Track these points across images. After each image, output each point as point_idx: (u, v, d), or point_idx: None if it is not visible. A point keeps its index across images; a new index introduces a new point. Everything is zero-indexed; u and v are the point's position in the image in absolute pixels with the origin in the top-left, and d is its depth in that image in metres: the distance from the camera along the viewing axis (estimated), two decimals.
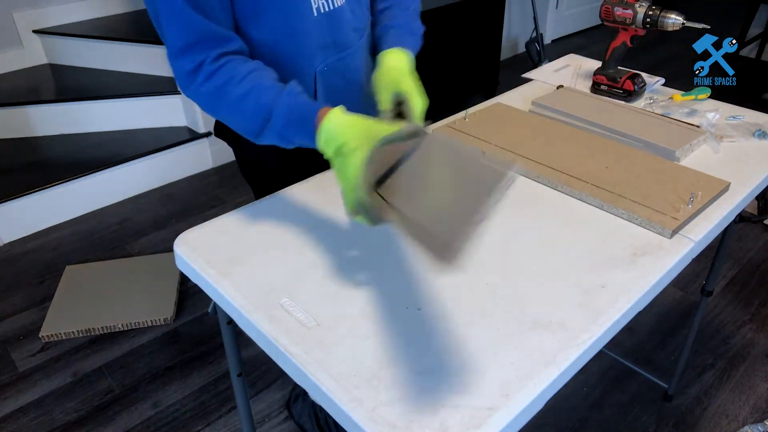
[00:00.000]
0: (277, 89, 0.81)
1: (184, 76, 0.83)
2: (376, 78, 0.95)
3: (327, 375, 0.65)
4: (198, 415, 1.59)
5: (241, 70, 0.82)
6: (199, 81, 0.82)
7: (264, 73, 0.84)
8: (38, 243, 2.28)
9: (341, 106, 0.78)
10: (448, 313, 0.73)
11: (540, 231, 0.87)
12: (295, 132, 0.80)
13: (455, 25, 2.87)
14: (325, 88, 0.98)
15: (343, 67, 0.99)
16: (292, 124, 0.80)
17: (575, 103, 1.21)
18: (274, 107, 0.80)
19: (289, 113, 0.80)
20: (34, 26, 2.78)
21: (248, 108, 0.81)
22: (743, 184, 0.98)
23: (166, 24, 0.81)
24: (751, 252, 2.17)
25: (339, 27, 0.95)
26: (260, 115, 0.81)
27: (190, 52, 0.81)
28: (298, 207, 0.95)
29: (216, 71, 0.82)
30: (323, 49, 0.94)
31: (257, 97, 0.81)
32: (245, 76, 0.82)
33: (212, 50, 0.82)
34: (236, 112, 0.83)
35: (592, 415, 1.57)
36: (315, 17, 0.90)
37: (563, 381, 0.67)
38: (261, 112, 0.81)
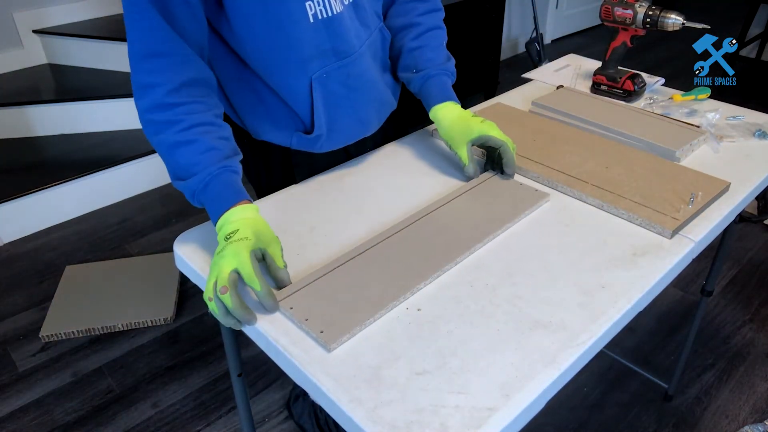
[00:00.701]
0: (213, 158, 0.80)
1: (136, 84, 0.80)
2: (445, 136, 1.00)
3: (326, 375, 0.65)
4: (198, 415, 1.59)
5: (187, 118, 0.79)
6: (145, 104, 0.79)
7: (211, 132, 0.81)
8: (38, 243, 2.28)
9: (256, 206, 0.81)
10: (448, 313, 0.73)
11: (540, 231, 0.87)
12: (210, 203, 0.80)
13: (455, 25, 2.86)
14: (323, 95, 0.95)
15: (344, 75, 0.96)
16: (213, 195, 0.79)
17: (575, 103, 1.21)
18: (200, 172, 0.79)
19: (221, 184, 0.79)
20: (34, 26, 2.77)
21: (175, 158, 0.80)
22: (743, 184, 0.98)
23: (129, 23, 0.77)
24: (751, 252, 2.17)
25: (338, 34, 0.91)
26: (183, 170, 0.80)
27: (150, 64, 0.78)
28: (297, 207, 0.95)
29: (168, 107, 0.79)
30: (321, 56, 0.91)
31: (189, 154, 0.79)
32: (189, 127, 0.79)
33: (173, 74, 0.79)
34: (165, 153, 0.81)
35: (592, 415, 1.57)
36: (311, 23, 0.87)
37: (563, 381, 0.67)
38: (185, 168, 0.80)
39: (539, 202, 0.92)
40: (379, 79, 1.04)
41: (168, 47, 0.78)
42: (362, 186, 1.00)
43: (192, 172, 0.79)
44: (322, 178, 1.02)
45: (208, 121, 0.82)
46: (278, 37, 0.87)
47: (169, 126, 0.79)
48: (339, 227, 0.89)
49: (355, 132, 1.03)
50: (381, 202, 0.95)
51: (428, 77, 1.04)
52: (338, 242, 0.86)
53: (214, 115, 0.83)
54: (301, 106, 0.95)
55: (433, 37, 1.06)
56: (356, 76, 0.98)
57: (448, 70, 1.06)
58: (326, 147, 1.01)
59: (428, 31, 1.06)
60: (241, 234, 0.74)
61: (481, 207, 0.91)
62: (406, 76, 1.06)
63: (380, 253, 0.81)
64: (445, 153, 1.09)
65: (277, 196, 0.98)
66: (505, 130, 0.97)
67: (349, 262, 0.80)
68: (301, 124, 0.98)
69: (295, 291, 0.75)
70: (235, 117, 1.02)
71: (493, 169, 1.00)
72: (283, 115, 0.97)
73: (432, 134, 1.15)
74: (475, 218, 0.88)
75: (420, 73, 1.04)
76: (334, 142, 1.01)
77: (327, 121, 0.97)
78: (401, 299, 0.74)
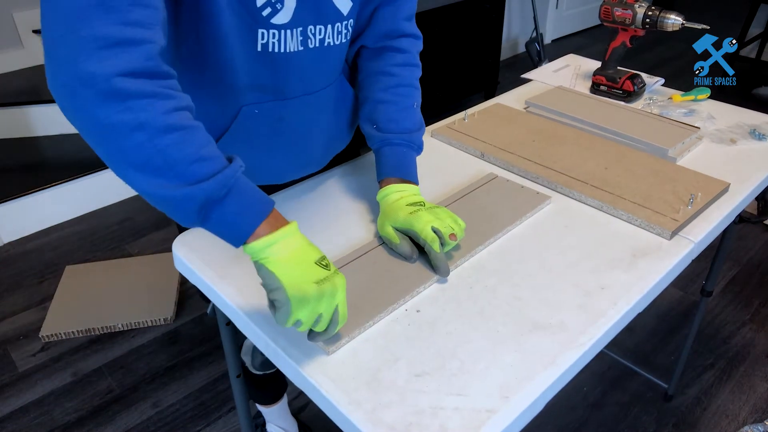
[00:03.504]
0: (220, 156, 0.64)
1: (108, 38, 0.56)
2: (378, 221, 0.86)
3: (326, 377, 0.65)
4: (198, 415, 1.59)
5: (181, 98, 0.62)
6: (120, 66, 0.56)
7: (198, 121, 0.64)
8: (38, 243, 2.28)
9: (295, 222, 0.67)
10: (448, 314, 0.73)
11: (539, 232, 0.87)
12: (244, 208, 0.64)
13: (455, 24, 2.86)
14: (246, 127, 0.83)
15: (276, 116, 0.84)
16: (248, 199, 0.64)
17: (569, 103, 1.21)
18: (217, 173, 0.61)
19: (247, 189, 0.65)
20: (34, 26, 2.77)
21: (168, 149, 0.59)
22: (743, 184, 0.98)
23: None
24: (751, 252, 2.17)
25: (280, 72, 0.80)
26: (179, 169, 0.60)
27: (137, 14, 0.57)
28: (297, 207, 0.95)
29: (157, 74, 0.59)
30: (257, 89, 0.80)
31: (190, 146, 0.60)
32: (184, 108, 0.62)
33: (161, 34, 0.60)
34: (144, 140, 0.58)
35: (592, 415, 1.57)
36: (258, 53, 0.76)
37: (563, 383, 0.67)
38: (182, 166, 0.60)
39: (541, 204, 0.92)
40: (319, 135, 0.92)
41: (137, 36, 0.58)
42: (362, 188, 1.00)
43: (198, 172, 0.60)
44: (322, 178, 1.02)
45: (192, 106, 0.64)
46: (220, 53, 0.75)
47: (155, 101, 0.58)
48: (339, 229, 0.89)
49: (264, 176, 0.91)
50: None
51: (387, 143, 0.89)
52: (337, 244, 0.86)
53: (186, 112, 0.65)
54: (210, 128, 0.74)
55: (405, 96, 0.92)
56: (289, 122, 0.86)
57: (413, 142, 0.90)
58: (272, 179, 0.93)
59: (400, 87, 0.91)
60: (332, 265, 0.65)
61: (482, 209, 0.91)
62: (367, 130, 0.92)
63: (380, 256, 0.81)
64: (445, 155, 1.09)
65: (276, 197, 0.98)
66: (504, 131, 0.96)
67: (349, 264, 0.80)
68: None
69: None
70: None
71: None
72: None
73: (432, 134, 1.15)
74: (476, 221, 0.88)
75: (381, 134, 0.89)
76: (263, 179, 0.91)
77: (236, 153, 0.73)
78: (401, 302, 0.74)
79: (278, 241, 0.64)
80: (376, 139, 0.90)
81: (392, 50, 0.93)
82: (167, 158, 0.59)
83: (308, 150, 0.93)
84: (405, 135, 0.90)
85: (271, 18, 0.75)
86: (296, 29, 0.77)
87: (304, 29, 0.78)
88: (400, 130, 0.90)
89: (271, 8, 0.74)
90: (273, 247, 0.63)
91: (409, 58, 0.94)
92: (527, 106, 1.24)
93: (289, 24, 0.76)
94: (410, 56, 0.94)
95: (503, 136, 1.11)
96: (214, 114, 0.82)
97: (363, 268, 0.79)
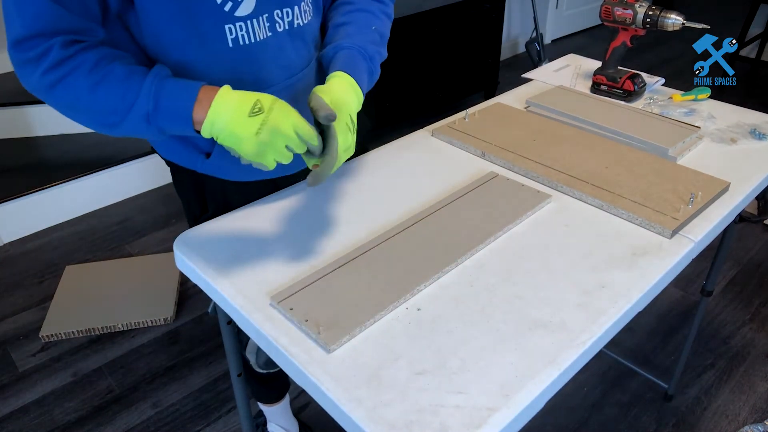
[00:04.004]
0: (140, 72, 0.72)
1: (22, 65, 0.70)
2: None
3: (326, 375, 0.65)
4: (198, 415, 1.59)
5: (90, 56, 0.71)
6: (40, 71, 0.69)
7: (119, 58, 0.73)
8: (38, 243, 2.28)
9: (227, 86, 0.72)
10: (448, 313, 0.73)
11: (540, 231, 0.87)
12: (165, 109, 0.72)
13: (455, 24, 2.87)
14: None
15: None
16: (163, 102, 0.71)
17: (569, 102, 1.21)
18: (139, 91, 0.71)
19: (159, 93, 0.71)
20: None
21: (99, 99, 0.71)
22: (743, 184, 0.98)
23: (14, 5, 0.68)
24: (751, 252, 2.17)
25: (259, 62, 0.81)
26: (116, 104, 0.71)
27: (36, 40, 0.68)
28: (297, 207, 0.95)
29: (63, 60, 0.69)
30: (236, 83, 0.79)
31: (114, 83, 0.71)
32: (97, 62, 0.71)
33: (63, 37, 0.69)
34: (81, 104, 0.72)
35: (592, 415, 1.57)
36: (230, 48, 0.78)
37: (563, 381, 0.67)
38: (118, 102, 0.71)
39: (541, 203, 0.92)
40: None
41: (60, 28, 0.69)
42: (363, 186, 1.00)
43: (129, 100, 0.70)
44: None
45: (112, 53, 0.72)
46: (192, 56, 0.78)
47: (76, 72, 0.69)
48: (340, 227, 0.89)
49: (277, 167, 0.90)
50: (382, 202, 0.95)
51: (339, 48, 0.86)
52: (339, 242, 0.86)
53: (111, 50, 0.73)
54: None
55: (361, 18, 0.90)
56: None
57: (365, 50, 0.86)
58: (237, 177, 0.93)
59: (358, 12, 0.91)
60: (268, 100, 0.69)
61: (482, 208, 0.91)
62: (322, 53, 0.89)
63: (381, 254, 0.82)
64: (446, 154, 1.09)
65: (276, 196, 0.98)
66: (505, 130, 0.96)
67: (350, 262, 0.80)
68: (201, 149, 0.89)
69: (295, 292, 0.75)
70: None
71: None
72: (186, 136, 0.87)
73: (432, 134, 1.16)
74: (476, 219, 0.88)
75: (332, 45, 0.87)
76: (244, 174, 0.92)
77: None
78: (401, 300, 0.74)
79: (215, 118, 0.71)
80: (328, 51, 0.87)
81: None
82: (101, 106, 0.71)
83: None
84: (360, 46, 0.87)
85: (234, 12, 0.75)
86: (262, 17, 0.78)
87: (270, 15, 0.79)
88: (354, 42, 0.87)
89: (231, 2, 0.75)
90: (215, 126, 0.71)
91: None
92: (528, 106, 1.24)
93: (253, 14, 0.77)
94: None
95: (504, 136, 1.11)
96: None
97: (363, 267, 0.79)
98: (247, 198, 0.96)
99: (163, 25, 0.74)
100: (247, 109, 0.70)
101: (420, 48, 2.68)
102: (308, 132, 0.72)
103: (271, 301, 0.75)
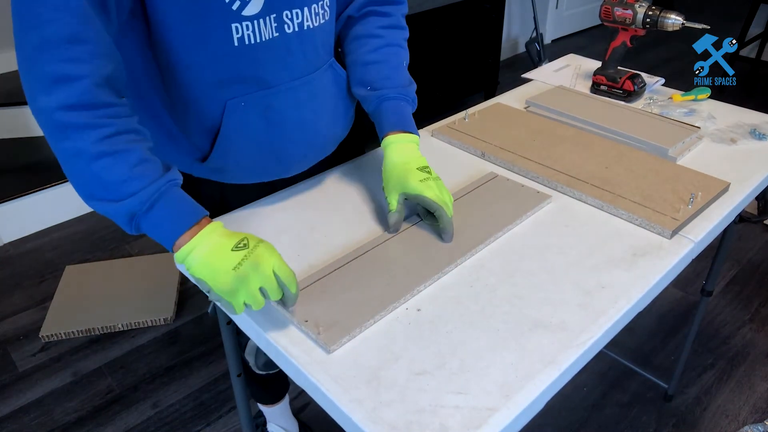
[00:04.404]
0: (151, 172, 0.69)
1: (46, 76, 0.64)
2: (384, 174, 0.88)
3: (326, 375, 0.65)
4: (198, 415, 1.59)
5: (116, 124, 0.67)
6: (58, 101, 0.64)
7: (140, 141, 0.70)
8: (38, 243, 2.28)
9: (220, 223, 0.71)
10: (448, 313, 0.73)
11: (540, 231, 0.87)
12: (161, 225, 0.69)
13: (455, 24, 2.86)
14: (237, 122, 0.83)
15: (262, 106, 0.84)
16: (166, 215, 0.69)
17: (569, 102, 1.21)
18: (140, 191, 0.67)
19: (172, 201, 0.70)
20: None
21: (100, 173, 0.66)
22: (743, 184, 0.98)
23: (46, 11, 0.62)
24: (751, 252, 2.17)
25: (263, 62, 0.80)
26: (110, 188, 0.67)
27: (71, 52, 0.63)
28: (297, 207, 0.95)
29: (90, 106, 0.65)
30: (240, 81, 0.80)
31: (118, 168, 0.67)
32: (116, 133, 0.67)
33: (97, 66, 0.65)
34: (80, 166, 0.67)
35: (592, 415, 1.57)
36: (235, 47, 0.77)
37: (563, 381, 0.67)
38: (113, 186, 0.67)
39: (541, 203, 0.92)
40: (316, 120, 0.91)
41: (90, 31, 0.64)
42: (364, 186, 1.00)
43: (125, 191, 0.67)
44: (322, 178, 1.02)
45: (134, 128, 0.70)
46: (196, 54, 0.76)
47: (89, 131, 0.65)
48: (340, 228, 0.89)
49: (271, 171, 0.92)
50: (382, 202, 0.95)
51: (385, 99, 0.91)
52: (339, 243, 0.86)
53: (138, 122, 0.71)
54: (205, 130, 0.84)
55: (393, 54, 0.94)
56: (279, 110, 0.85)
57: (408, 96, 0.93)
58: (236, 179, 0.92)
59: (388, 47, 0.93)
60: (254, 240, 0.69)
61: (482, 209, 0.91)
62: (361, 93, 0.94)
63: (381, 255, 0.82)
64: (446, 154, 1.09)
65: (276, 196, 0.98)
66: (505, 130, 0.96)
67: (350, 263, 0.80)
68: (197, 151, 0.88)
69: None
70: None
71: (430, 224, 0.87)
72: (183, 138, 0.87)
73: (432, 134, 1.15)
74: (476, 220, 0.88)
75: (376, 92, 0.91)
76: (244, 176, 0.92)
77: (236, 151, 0.86)
78: (401, 301, 0.74)
79: (196, 247, 0.68)
80: (372, 98, 0.91)
81: (377, 14, 0.94)
82: (100, 180, 0.67)
83: (307, 138, 0.92)
84: (400, 89, 0.92)
85: (241, 11, 0.75)
86: (269, 17, 0.77)
87: (278, 15, 0.78)
88: (395, 85, 0.92)
89: (239, 1, 0.74)
90: (192, 254, 0.68)
91: (393, 21, 0.96)
92: (527, 106, 1.24)
93: (260, 13, 0.76)
94: (395, 19, 0.96)
95: (504, 136, 1.11)
96: (203, 114, 0.83)
97: (363, 267, 0.79)
98: (245, 200, 0.96)
99: (170, 22, 0.74)
100: (231, 243, 0.68)
101: (420, 48, 2.68)
102: (288, 275, 0.69)
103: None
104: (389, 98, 0.91)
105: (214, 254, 0.68)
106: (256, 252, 0.68)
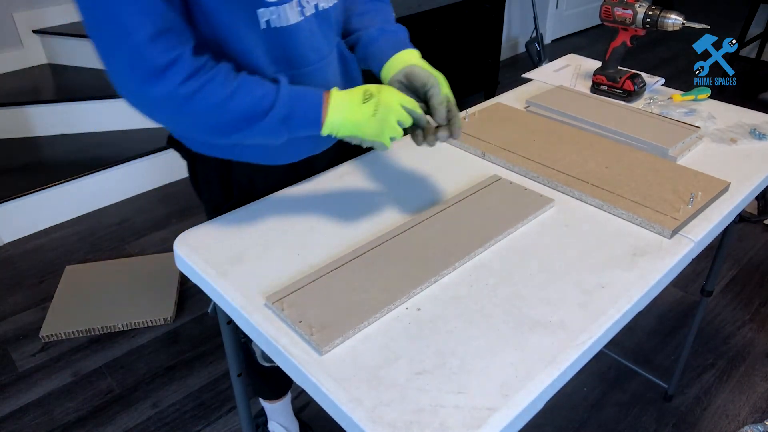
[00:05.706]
0: (269, 81, 0.80)
1: (149, 77, 0.71)
2: (384, 76, 0.93)
3: (327, 375, 0.65)
4: (198, 415, 1.59)
5: (221, 66, 0.77)
6: (177, 81, 0.72)
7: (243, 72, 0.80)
8: (38, 243, 2.28)
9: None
10: (448, 313, 0.73)
11: (540, 231, 0.87)
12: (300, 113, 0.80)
13: (455, 24, 2.86)
14: None
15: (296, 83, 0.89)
16: (298, 107, 0.80)
17: (569, 102, 1.21)
18: (277, 97, 0.78)
19: (294, 99, 0.79)
20: (34, 26, 2.77)
21: (237, 106, 0.76)
22: (743, 184, 0.98)
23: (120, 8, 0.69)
24: (751, 252, 2.17)
25: (291, 44, 0.86)
26: (255, 109, 0.77)
27: (163, 42, 0.71)
28: (298, 207, 0.95)
29: (200, 69, 0.74)
30: (275, 62, 0.86)
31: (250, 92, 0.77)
32: (227, 71, 0.77)
33: (188, 43, 0.74)
34: (219, 112, 0.76)
35: (592, 415, 1.57)
36: (263, 30, 0.82)
37: (563, 381, 0.67)
38: (257, 107, 0.77)
39: (543, 207, 0.92)
40: None
41: (174, 23, 0.73)
42: (364, 186, 1.00)
43: (266, 104, 0.77)
44: (323, 177, 1.02)
45: (230, 63, 0.79)
46: (232, 40, 0.82)
47: (212, 83, 0.75)
48: (340, 227, 0.89)
49: (305, 147, 0.98)
50: (383, 203, 0.95)
51: (383, 32, 0.96)
52: (339, 243, 0.86)
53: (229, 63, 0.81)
54: None
55: (383, 10, 1.01)
56: None
57: (404, 30, 0.99)
58: (273, 159, 0.96)
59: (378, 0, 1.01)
60: (373, 87, 0.80)
61: (484, 211, 0.90)
62: (355, 37, 0.98)
63: (380, 256, 0.81)
64: (446, 154, 1.09)
65: (277, 196, 0.98)
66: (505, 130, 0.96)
67: (349, 263, 0.80)
68: None
69: (291, 292, 0.75)
70: None
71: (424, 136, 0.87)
72: None
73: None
74: (477, 222, 0.88)
75: (371, 29, 0.97)
76: (274, 157, 0.96)
77: None
78: (401, 300, 0.74)
79: (335, 113, 0.80)
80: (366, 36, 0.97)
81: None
82: (243, 110, 0.77)
83: None
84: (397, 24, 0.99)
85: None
86: (291, 1, 0.82)
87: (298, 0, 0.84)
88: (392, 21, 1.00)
89: None
90: (335, 120, 0.80)
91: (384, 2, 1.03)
92: (528, 106, 1.24)
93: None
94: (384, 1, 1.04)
95: (504, 136, 1.11)
96: None
97: (364, 267, 0.79)
98: (272, 183, 0.99)
99: (212, 8, 0.79)
100: (359, 99, 0.81)
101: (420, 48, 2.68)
102: (412, 103, 0.82)
103: (265, 301, 0.75)
104: (387, 31, 0.97)
105: (352, 112, 0.81)
106: (382, 96, 0.80)
